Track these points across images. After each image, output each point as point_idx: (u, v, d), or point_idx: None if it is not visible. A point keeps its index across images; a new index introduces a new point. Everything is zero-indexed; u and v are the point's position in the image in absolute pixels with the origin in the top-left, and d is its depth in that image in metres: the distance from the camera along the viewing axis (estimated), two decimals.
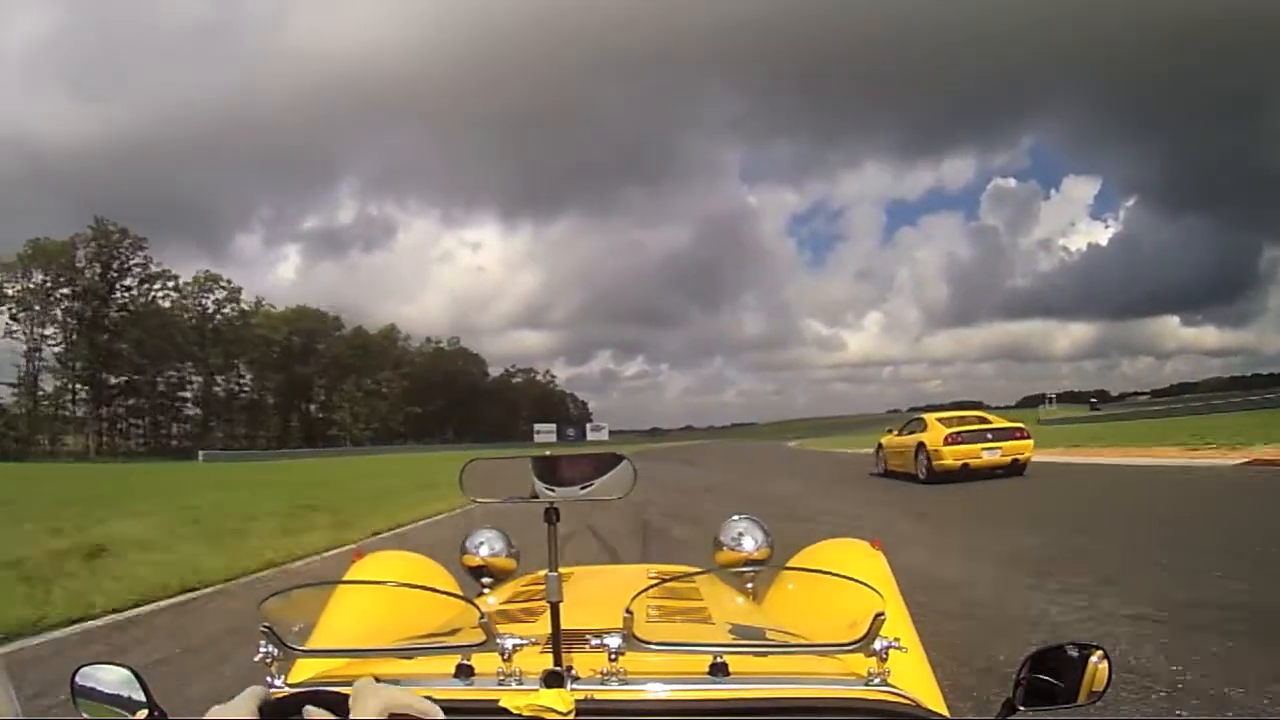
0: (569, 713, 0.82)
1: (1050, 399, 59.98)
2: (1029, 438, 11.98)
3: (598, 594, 1.53)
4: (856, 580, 0.97)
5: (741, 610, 1.45)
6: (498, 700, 0.84)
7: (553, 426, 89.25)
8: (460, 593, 1.52)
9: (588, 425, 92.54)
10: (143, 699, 0.93)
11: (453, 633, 1.01)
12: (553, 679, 0.85)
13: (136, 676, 0.95)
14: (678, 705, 0.87)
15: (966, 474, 11.59)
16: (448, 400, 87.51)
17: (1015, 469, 11.83)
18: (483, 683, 0.89)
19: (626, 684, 0.88)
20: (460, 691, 0.89)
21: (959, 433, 12.13)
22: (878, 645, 0.90)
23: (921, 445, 12.46)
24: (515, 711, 0.82)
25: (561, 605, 0.91)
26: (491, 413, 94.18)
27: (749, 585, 1.59)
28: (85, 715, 0.95)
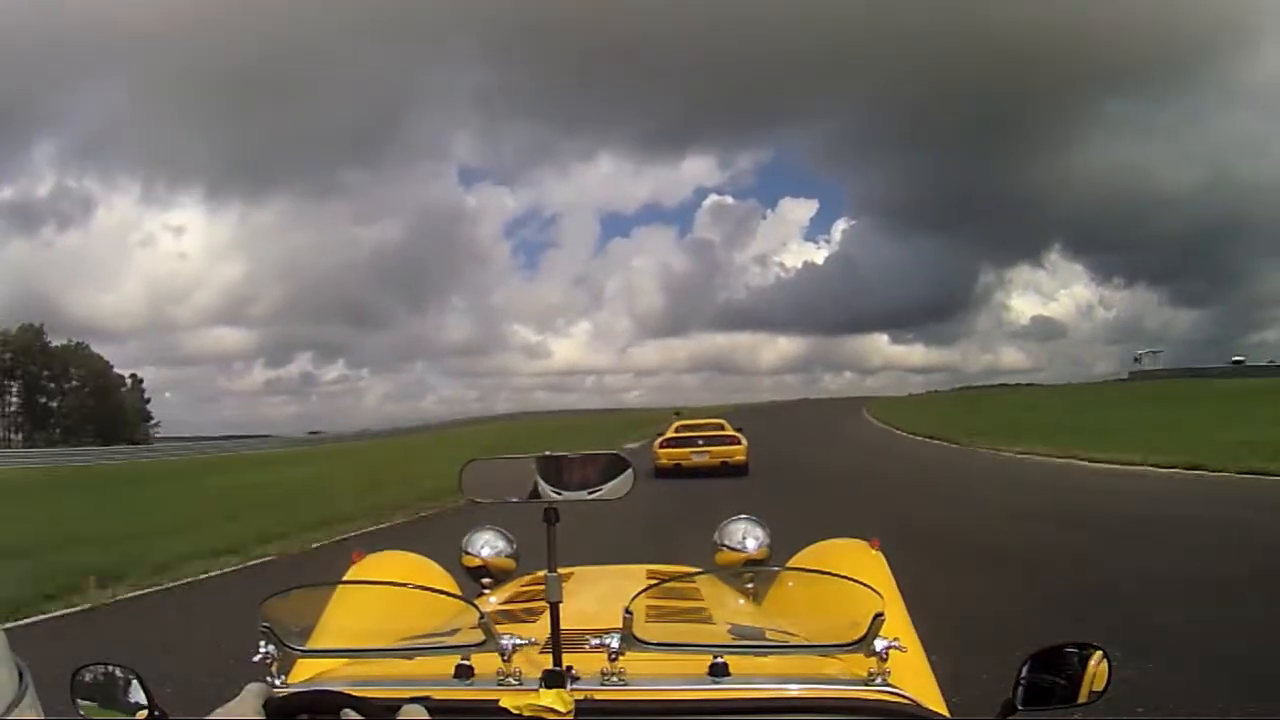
0: (569, 713, 0.82)
1: (1140, 357, 54.14)
2: (741, 444, 14.42)
3: (597, 594, 1.53)
4: (856, 580, 0.97)
5: (741, 610, 1.45)
6: (497, 700, 0.84)
7: None
8: (460, 593, 1.52)
9: None
10: (143, 699, 0.93)
11: (452, 633, 1.01)
12: (552, 679, 0.85)
13: (137, 677, 0.95)
14: (678, 705, 0.87)
15: (681, 471, 13.63)
16: None
17: (728, 470, 13.78)
18: (482, 683, 0.89)
19: (626, 684, 0.88)
20: (460, 692, 0.89)
21: (672, 438, 14.69)
22: (878, 645, 0.90)
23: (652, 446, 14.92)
24: (515, 711, 0.82)
25: (561, 605, 0.91)
26: None
27: (749, 585, 1.59)
28: (85, 715, 0.95)
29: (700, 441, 14.56)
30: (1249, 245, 79.92)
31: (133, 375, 55.79)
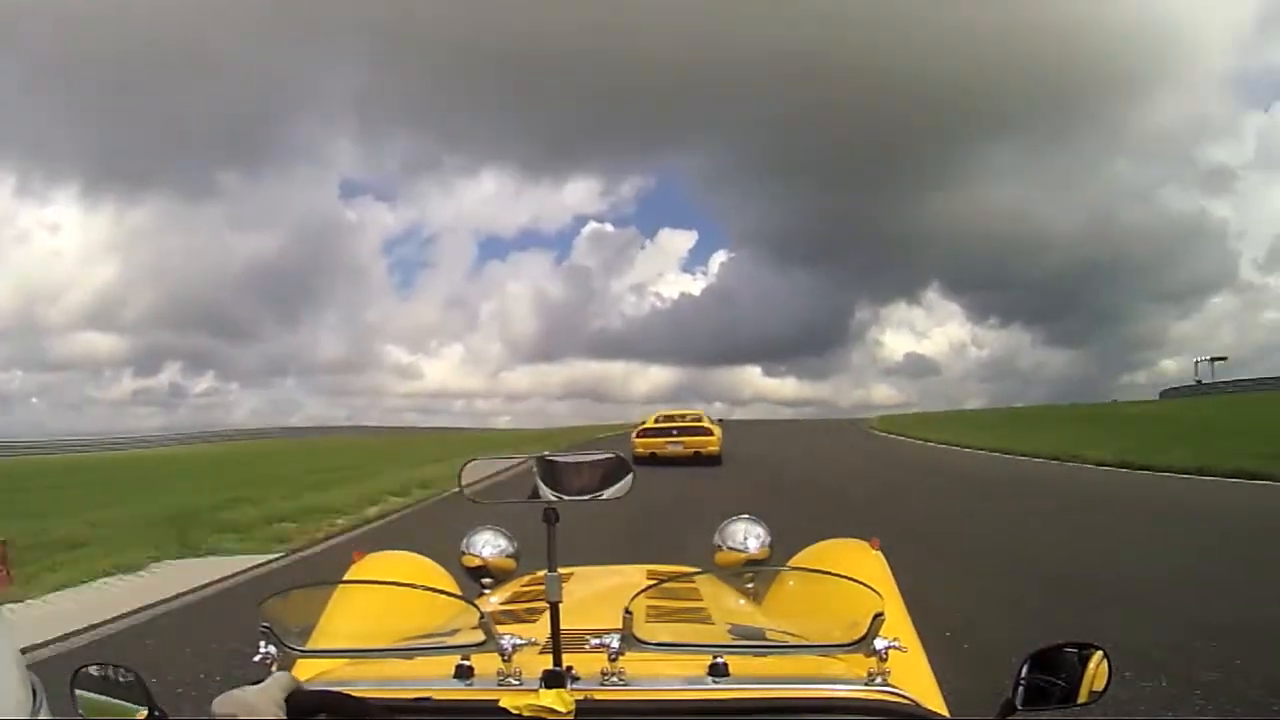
0: (569, 713, 0.82)
1: (1199, 367, 43.56)
2: (714, 434, 15.26)
3: (597, 594, 1.53)
4: (856, 580, 0.97)
5: (741, 610, 1.45)
6: (498, 700, 0.84)
7: None
8: (460, 593, 1.52)
9: None
10: (143, 699, 0.93)
11: (453, 633, 1.01)
12: (552, 679, 0.85)
13: (137, 677, 0.95)
14: (678, 706, 0.87)
15: (656, 460, 14.12)
16: None
17: (700, 459, 14.56)
18: (483, 683, 0.89)
19: (626, 684, 0.88)
20: (460, 692, 0.89)
21: (649, 428, 15.44)
22: (878, 645, 0.90)
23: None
24: (515, 712, 0.82)
25: (561, 605, 0.91)
26: None
27: (749, 585, 1.59)
28: (85, 715, 0.95)
29: (675, 432, 15.22)
30: (1124, 288, 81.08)
31: None
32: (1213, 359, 42.95)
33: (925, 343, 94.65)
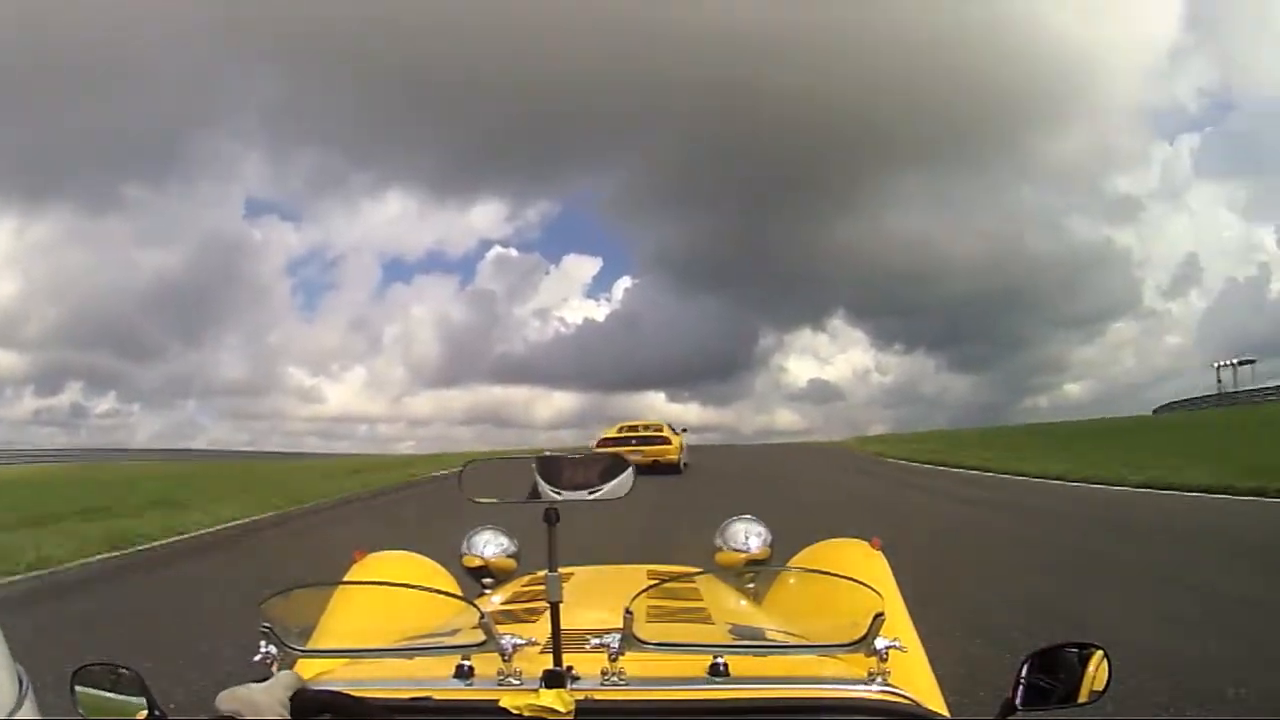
0: (569, 713, 0.82)
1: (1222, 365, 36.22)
2: (671, 443, 15.95)
3: (598, 594, 1.53)
4: (856, 580, 0.97)
5: (741, 611, 1.45)
6: (498, 700, 0.85)
7: None
8: (460, 593, 1.52)
9: None
10: (143, 699, 0.93)
11: (453, 633, 1.01)
12: (553, 679, 0.85)
13: (137, 676, 0.95)
14: (678, 706, 0.87)
15: None
16: None
17: (660, 468, 15.06)
18: (483, 683, 0.89)
19: (626, 684, 0.88)
20: (460, 692, 0.89)
21: (609, 438, 16.02)
22: (878, 645, 0.90)
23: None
24: (515, 712, 0.82)
25: (561, 605, 0.91)
26: None
27: (749, 585, 1.59)
28: (85, 714, 0.95)
29: (634, 441, 15.60)
30: (1028, 314, 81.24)
31: None
32: (1239, 362, 35.92)
33: (829, 369, 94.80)
